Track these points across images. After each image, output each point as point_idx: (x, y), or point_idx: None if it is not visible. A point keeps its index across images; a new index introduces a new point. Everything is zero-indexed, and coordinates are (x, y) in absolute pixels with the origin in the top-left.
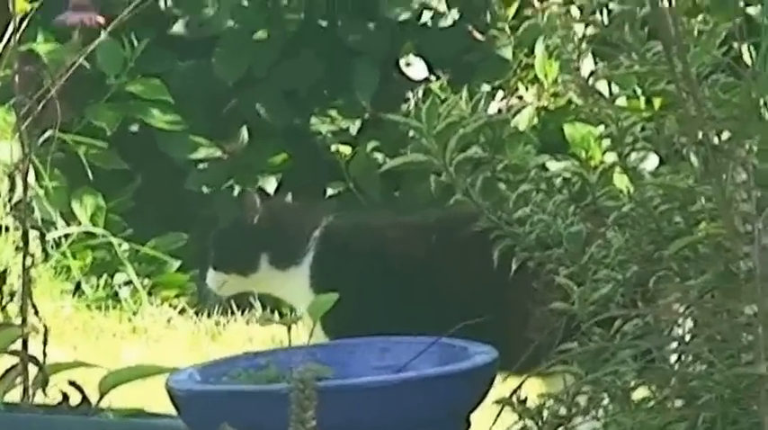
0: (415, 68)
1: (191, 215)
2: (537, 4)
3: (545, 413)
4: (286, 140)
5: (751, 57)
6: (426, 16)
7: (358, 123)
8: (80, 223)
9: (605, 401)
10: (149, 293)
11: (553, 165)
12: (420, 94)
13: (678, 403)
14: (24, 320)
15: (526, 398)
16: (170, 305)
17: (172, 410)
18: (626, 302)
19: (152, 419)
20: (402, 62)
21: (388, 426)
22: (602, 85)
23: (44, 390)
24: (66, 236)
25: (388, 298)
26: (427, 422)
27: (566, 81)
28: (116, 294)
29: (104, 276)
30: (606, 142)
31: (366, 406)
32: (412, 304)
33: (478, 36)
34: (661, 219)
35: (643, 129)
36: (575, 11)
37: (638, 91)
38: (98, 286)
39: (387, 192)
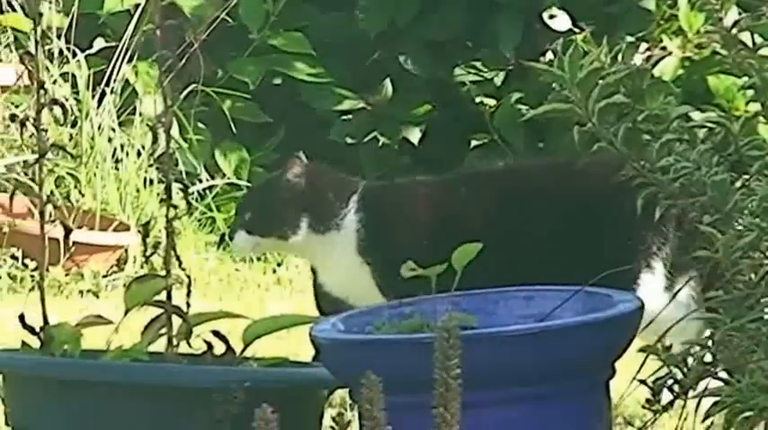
0: (559, 20)
1: (334, 167)
2: None
3: (690, 360)
4: (430, 92)
5: None
6: None
7: (502, 75)
8: (224, 175)
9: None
10: None
11: (696, 116)
12: (561, 45)
13: None
14: (168, 272)
15: (671, 345)
16: None
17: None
18: None
19: (296, 368)
20: (545, 14)
21: (533, 375)
22: (745, 36)
23: (188, 341)
24: (211, 188)
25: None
26: (571, 370)
27: (709, 32)
28: None
29: None
30: (749, 92)
31: (510, 354)
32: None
33: None
34: None
35: None
36: None
37: None
38: None
39: (531, 142)
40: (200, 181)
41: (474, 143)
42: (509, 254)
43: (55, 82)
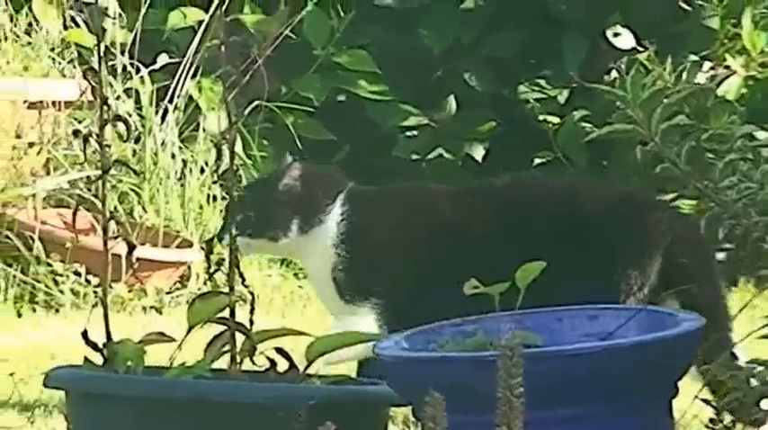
0: (623, 39)
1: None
2: None
3: (753, 380)
4: (493, 109)
5: None
6: None
7: (566, 93)
8: None
9: None
10: None
11: (760, 135)
12: (624, 64)
13: None
14: (232, 289)
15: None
16: None
17: None
18: None
19: (360, 386)
20: (609, 32)
21: (596, 393)
22: None
23: (251, 358)
24: None
25: (414, 256)
26: (635, 389)
27: None
28: None
29: None
30: None
31: (574, 373)
32: (433, 261)
33: (686, 6)
34: None
35: None
36: None
37: None
38: None
39: (594, 160)
40: None
41: (537, 161)
42: (481, 271)
43: (118, 98)
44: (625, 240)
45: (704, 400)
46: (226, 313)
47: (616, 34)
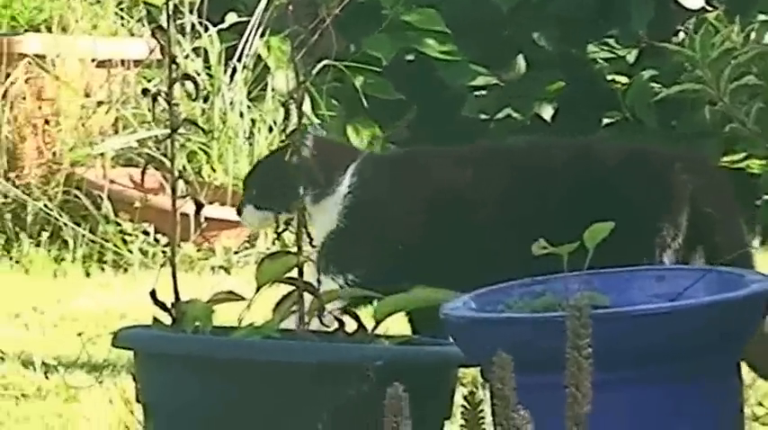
0: None
1: (466, 142)
2: None
3: None
4: (562, 68)
5: None
6: None
7: (634, 53)
8: None
9: None
10: None
11: None
12: (693, 24)
13: None
14: (300, 248)
15: None
16: None
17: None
18: None
19: (427, 346)
20: None
21: (665, 354)
22: None
23: (320, 318)
24: None
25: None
26: (703, 349)
27: None
28: None
29: None
30: None
31: (642, 333)
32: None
33: None
34: None
35: None
36: None
37: None
38: None
39: (663, 121)
40: None
41: (606, 120)
42: (500, 238)
43: (187, 56)
44: (649, 194)
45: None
46: (294, 273)
47: None
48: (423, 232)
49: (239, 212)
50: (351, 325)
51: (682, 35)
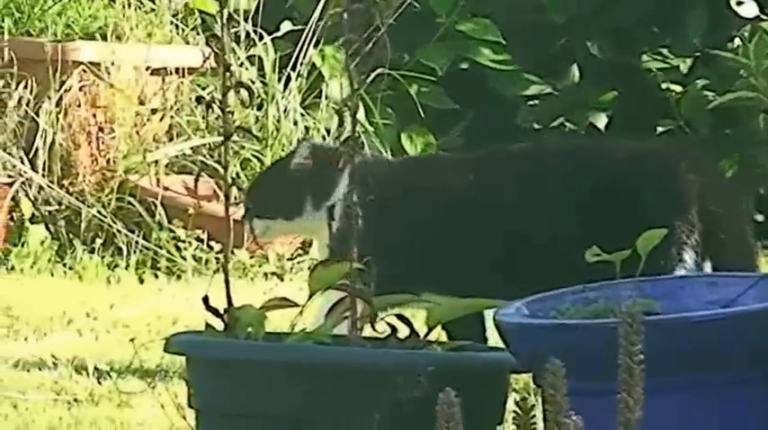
0: (746, 7)
1: None
2: None
3: None
4: (616, 77)
5: None
6: None
7: (689, 62)
8: None
9: None
10: None
11: None
12: (748, 32)
13: None
14: (353, 255)
15: None
16: None
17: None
18: None
19: (480, 352)
20: (733, 1)
21: (718, 361)
22: None
23: (372, 324)
24: None
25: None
26: (756, 357)
27: None
28: None
29: None
30: None
31: (695, 340)
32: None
33: None
34: None
35: None
36: None
37: None
38: None
39: (718, 129)
40: None
41: (660, 129)
42: (496, 248)
43: (241, 65)
44: (658, 193)
45: None
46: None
47: (739, 2)
48: (427, 236)
49: (242, 223)
50: (403, 331)
51: (737, 42)
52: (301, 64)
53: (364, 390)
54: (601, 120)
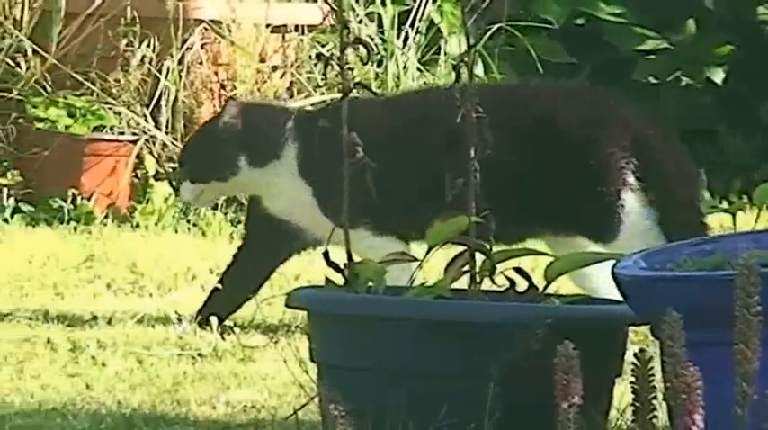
0: None
1: (637, 106)
2: None
3: None
4: (733, 32)
5: None
6: None
7: None
8: None
9: None
10: None
11: None
12: None
13: None
14: (471, 209)
15: None
16: None
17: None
18: None
19: (599, 305)
20: None
21: None
22: None
23: (491, 278)
24: None
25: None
26: None
27: None
28: None
29: None
30: None
31: None
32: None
33: None
34: None
35: None
36: None
37: None
38: None
39: None
40: None
41: None
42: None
43: (360, 21)
44: (589, 125)
45: None
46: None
47: None
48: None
49: (176, 190)
50: (522, 284)
51: None
52: (420, 20)
53: (484, 343)
54: (718, 75)
